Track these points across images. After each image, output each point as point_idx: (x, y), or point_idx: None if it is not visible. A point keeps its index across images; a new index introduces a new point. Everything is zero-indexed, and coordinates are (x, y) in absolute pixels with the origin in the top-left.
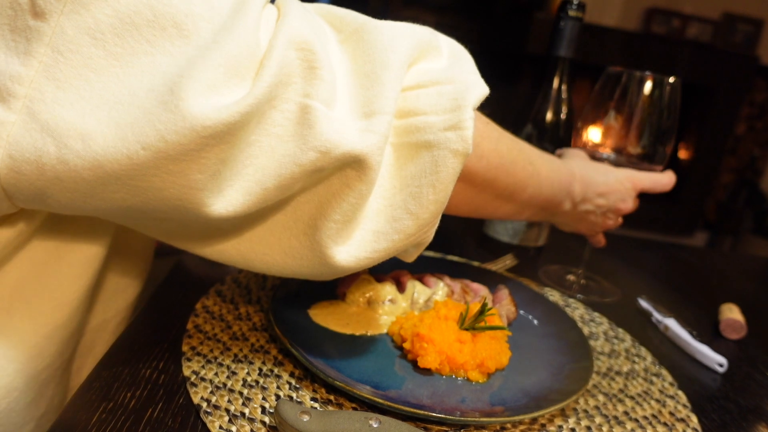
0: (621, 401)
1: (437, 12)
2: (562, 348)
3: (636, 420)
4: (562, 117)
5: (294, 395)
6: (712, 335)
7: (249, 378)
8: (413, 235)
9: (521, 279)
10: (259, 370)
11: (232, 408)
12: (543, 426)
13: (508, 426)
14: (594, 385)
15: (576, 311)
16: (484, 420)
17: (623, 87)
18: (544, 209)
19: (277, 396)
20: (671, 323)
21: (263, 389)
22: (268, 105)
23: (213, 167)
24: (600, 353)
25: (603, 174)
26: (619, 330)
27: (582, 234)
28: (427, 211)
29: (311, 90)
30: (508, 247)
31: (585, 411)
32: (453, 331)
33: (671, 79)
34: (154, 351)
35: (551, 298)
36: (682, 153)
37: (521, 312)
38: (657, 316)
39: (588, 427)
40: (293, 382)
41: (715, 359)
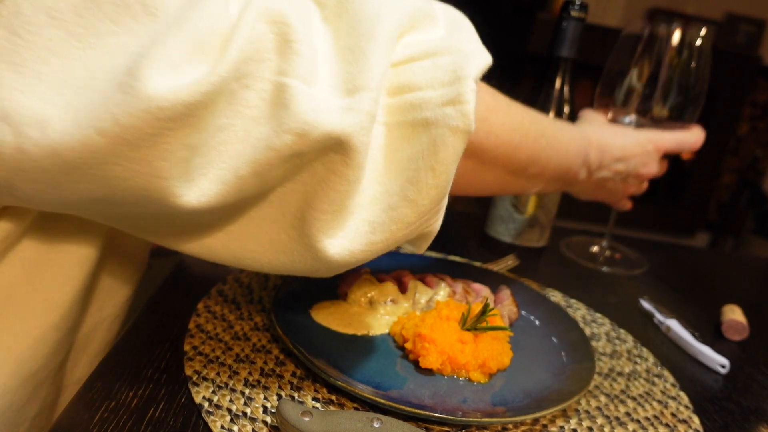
0: (623, 402)
1: None
2: (563, 348)
3: (638, 421)
4: (563, 118)
5: (296, 395)
6: (713, 336)
7: (251, 378)
8: (413, 224)
9: (523, 279)
10: (261, 369)
11: (233, 408)
12: (545, 427)
13: (509, 426)
14: (596, 386)
15: (578, 312)
16: (485, 420)
17: (647, 41)
18: (558, 180)
19: (279, 396)
20: (673, 324)
21: (265, 389)
22: (237, 84)
23: (179, 153)
24: (602, 354)
25: (621, 137)
26: (621, 331)
27: (602, 202)
28: (427, 197)
29: (287, 67)
30: (509, 248)
31: (587, 412)
32: (455, 332)
33: (702, 31)
34: (156, 350)
35: (553, 298)
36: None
37: (523, 312)
38: (659, 317)
39: (590, 428)
40: (295, 381)
41: (717, 360)
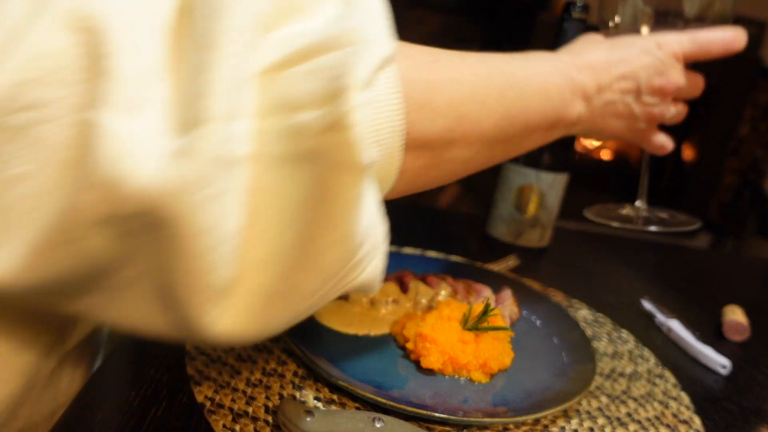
0: (624, 402)
1: (442, 13)
2: (564, 349)
3: (639, 421)
4: None
5: (297, 394)
6: (715, 337)
7: (252, 377)
8: (320, 290)
9: (524, 279)
10: (263, 369)
11: (235, 407)
12: (545, 427)
13: (510, 426)
14: (597, 387)
15: (579, 312)
16: (486, 420)
17: None
18: (552, 128)
19: (281, 395)
20: (674, 325)
21: (267, 388)
22: (23, 117)
23: None
24: (603, 354)
25: (620, 49)
26: (623, 331)
27: (630, 141)
28: (330, 257)
29: (96, 92)
30: (510, 248)
31: (588, 412)
32: (456, 332)
33: None
34: (157, 350)
35: (554, 298)
36: (685, 154)
37: (524, 312)
38: (660, 317)
39: (591, 429)
40: (297, 381)
41: (718, 361)
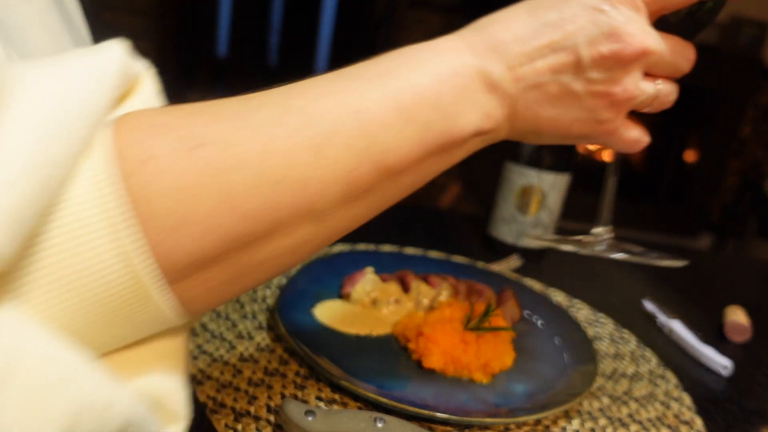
0: (625, 403)
1: (443, 13)
2: (566, 349)
3: (640, 422)
4: None
5: (299, 394)
6: (716, 338)
7: (254, 376)
8: None
9: (526, 280)
10: (265, 368)
11: (237, 406)
12: (547, 427)
13: (511, 427)
14: (598, 387)
15: (580, 312)
16: (487, 420)
17: None
18: (441, 153)
19: (283, 395)
20: (676, 325)
21: (269, 388)
22: None
23: None
24: (604, 355)
25: (545, 9)
26: (624, 332)
27: (593, 139)
28: None
29: None
30: (512, 248)
31: (589, 413)
32: (457, 332)
33: None
34: None
35: (555, 299)
36: (686, 155)
37: (525, 313)
38: (662, 318)
39: (592, 429)
40: (298, 381)
41: (720, 362)
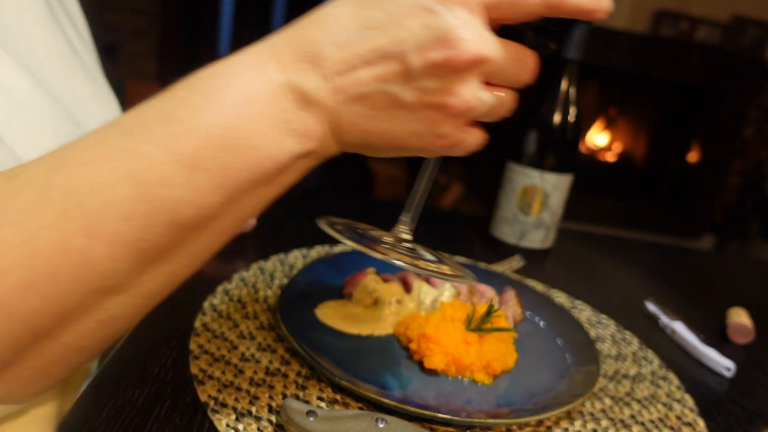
0: (627, 404)
1: None
2: (568, 350)
3: (642, 423)
4: (570, 120)
5: (300, 394)
6: (719, 339)
7: (256, 376)
8: None
9: (528, 281)
10: (266, 368)
11: (239, 406)
12: (549, 428)
13: (513, 428)
14: (600, 388)
15: (582, 313)
16: (489, 421)
17: None
18: (264, 184)
19: (284, 395)
20: (678, 327)
21: (270, 388)
22: None
23: None
24: (607, 356)
25: (373, 8)
26: (627, 333)
27: (439, 151)
28: None
29: None
30: (514, 249)
31: (591, 414)
32: (459, 332)
33: None
34: (162, 349)
35: (558, 300)
36: (690, 156)
37: (528, 314)
38: (664, 319)
39: (594, 430)
40: (300, 381)
41: (723, 363)
